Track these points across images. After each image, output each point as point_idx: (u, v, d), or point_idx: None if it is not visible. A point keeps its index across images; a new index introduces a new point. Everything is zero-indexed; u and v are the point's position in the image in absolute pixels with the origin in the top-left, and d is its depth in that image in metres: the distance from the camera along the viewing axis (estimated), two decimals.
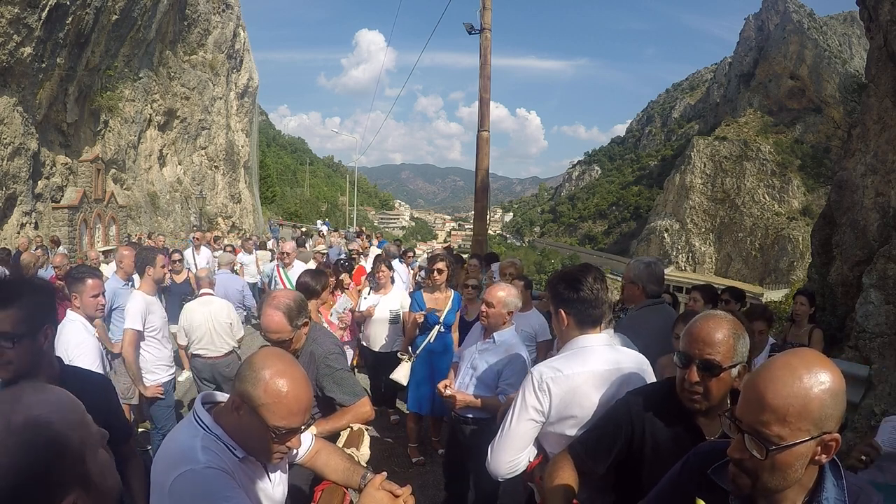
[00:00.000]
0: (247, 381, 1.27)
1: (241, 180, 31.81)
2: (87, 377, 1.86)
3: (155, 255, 3.88)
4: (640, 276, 2.88)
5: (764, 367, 1.04)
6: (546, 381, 1.78)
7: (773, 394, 0.98)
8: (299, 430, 1.32)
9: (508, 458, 1.84)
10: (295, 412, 1.27)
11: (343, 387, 2.32)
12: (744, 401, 1.05)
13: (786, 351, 1.09)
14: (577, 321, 1.87)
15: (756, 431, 1.00)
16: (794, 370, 0.99)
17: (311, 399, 1.34)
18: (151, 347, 3.72)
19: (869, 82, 6.64)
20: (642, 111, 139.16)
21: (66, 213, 15.16)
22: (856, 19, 55.71)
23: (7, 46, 12.25)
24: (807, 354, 1.03)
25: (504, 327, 2.91)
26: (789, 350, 1.09)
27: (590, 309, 1.86)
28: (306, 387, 1.32)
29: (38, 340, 1.55)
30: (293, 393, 1.27)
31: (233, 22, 29.19)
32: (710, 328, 1.46)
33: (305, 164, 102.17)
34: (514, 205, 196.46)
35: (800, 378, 0.98)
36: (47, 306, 1.60)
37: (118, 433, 1.72)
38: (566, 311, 1.88)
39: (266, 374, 1.26)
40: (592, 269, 1.94)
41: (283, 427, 1.26)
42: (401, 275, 6.94)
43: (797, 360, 1.01)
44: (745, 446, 1.02)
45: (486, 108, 8.52)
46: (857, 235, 6.06)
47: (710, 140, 74.28)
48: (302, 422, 1.31)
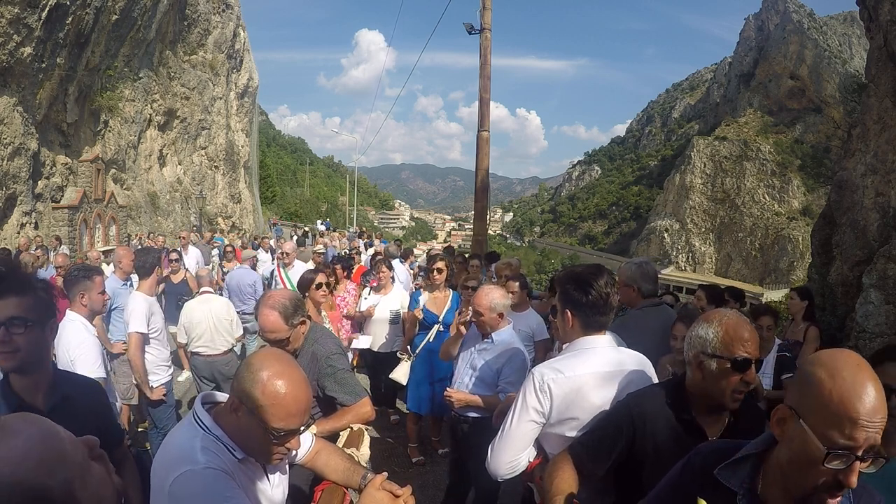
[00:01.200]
0: (245, 382, 1.26)
1: (241, 180, 31.81)
2: (78, 381, 1.83)
3: (159, 256, 3.91)
4: (634, 277, 2.87)
5: (854, 383, 0.97)
6: (547, 382, 1.76)
7: (879, 403, 0.96)
8: (298, 431, 1.31)
9: (508, 458, 1.83)
10: (293, 413, 1.26)
11: (344, 387, 2.32)
12: (870, 418, 0.97)
13: (846, 355, 1.04)
14: (583, 324, 1.85)
15: (876, 450, 0.97)
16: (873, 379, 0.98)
17: (309, 400, 1.33)
18: (153, 349, 3.74)
19: (869, 82, 6.64)
20: (642, 111, 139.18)
21: (66, 213, 15.16)
22: (856, 19, 55.70)
23: (7, 46, 12.25)
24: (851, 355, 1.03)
25: (501, 326, 2.91)
26: (842, 352, 1.05)
27: (597, 314, 1.83)
28: (305, 388, 1.30)
29: (45, 332, 1.57)
30: (291, 394, 1.25)
31: (233, 22, 29.18)
32: (752, 329, 1.48)
33: (305, 164, 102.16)
34: (514, 205, 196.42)
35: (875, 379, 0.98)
36: (52, 302, 1.63)
37: (110, 437, 1.70)
38: (573, 312, 1.86)
39: (264, 375, 1.25)
40: (604, 272, 1.90)
41: (281, 428, 1.25)
42: (398, 275, 6.96)
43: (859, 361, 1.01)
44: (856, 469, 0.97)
45: (486, 108, 8.52)
46: (857, 235, 6.05)
47: (710, 140, 74.29)
48: (301, 423, 1.29)
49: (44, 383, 1.59)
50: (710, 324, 1.49)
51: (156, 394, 3.66)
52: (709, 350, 1.47)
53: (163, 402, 3.73)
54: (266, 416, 1.24)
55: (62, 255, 6.92)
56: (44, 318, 1.56)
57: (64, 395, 1.61)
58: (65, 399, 1.60)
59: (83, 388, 1.77)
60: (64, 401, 1.59)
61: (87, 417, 1.59)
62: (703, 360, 1.48)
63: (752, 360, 1.43)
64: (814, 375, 1.01)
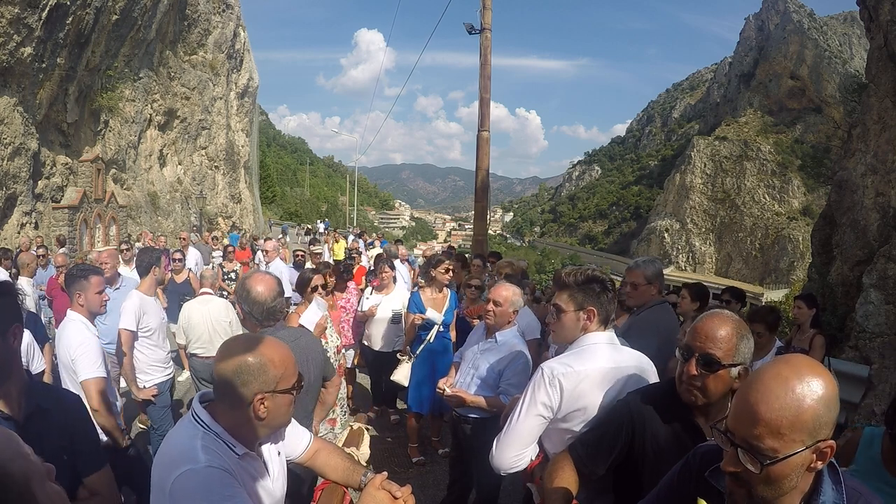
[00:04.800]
0: (249, 373, 1.32)
1: (242, 180, 31.80)
2: (57, 395, 1.66)
3: (159, 255, 3.90)
4: (657, 275, 2.89)
5: (754, 377, 1.02)
6: (557, 376, 1.79)
7: (765, 406, 0.96)
8: (300, 380, 1.42)
9: (514, 452, 1.85)
10: (289, 368, 1.38)
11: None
12: (735, 413, 1.02)
13: (776, 359, 1.06)
14: (603, 318, 1.93)
15: (749, 445, 0.98)
16: (786, 381, 0.97)
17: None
18: (145, 348, 3.71)
19: (869, 82, 6.64)
20: (642, 111, 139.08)
21: (66, 213, 15.16)
22: (856, 19, 55.67)
23: (7, 46, 12.25)
24: (797, 362, 1.01)
25: (507, 327, 2.91)
26: (779, 358, 1.06)
27: (613, 308, 1.96)
28: (279, 344, 1.41)
29: (7, 340, 1.45)
30: (269, 351, 1.35)
31: (233, 22, 29.17)
32: (715, 324, 1.47)
33: (305, 164, 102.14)
34: (514, 205, 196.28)
35: (791, 389, 0.96)
36: (12, 305, 1.50)
37: (87, 462, 1.58)
38: (597, 309, 1.91)
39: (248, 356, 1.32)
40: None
41: (290, 382, 1.37)
42: (402, 274, 6.98)
43: (788, 369, 0.99)
44: (738, 460, 1.00)
45: (487, 108, 8.51)
46: (857, 235, 6.06)
47: (711, 140, 74.22)
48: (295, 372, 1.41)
49: (14, 393, 1.47)
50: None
51: (144, 393, 3.64)
52: (683, 342, 1.56)
53: (151, 403, 3.71)
54: (268, 370, 1.31)
55: (61, 255, 6.93)
56: (3, 324, 1.43)
57: (40, 407, 1.52)
58: (40, 411, 1.51)
59: (62, 402, 1.63)
60: (39, 413, 1.50)
61: (61, 432, 1.52)
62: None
63: (694, 353, 1.48)
64: None
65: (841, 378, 4.61)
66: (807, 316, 4.24)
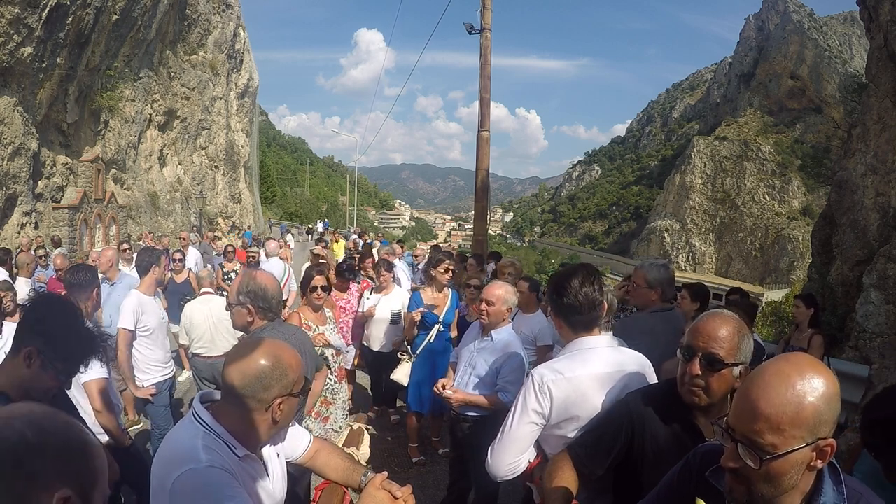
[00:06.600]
0: (265, 377, 1.34)
1: (242, 180, 31.81)
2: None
3: (159, 255, 3.90)
4: (661, 280, 2.76)
5: (756, 374, 1.03)
6: (547, 383, 1.76)
7: (765, 402, 0.97)
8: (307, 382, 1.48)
9: (509, 459, 1.83)
10: (301, 371, 1.42)
11: None
12: (736, 409, 1.03)
13: (777, 356, 1.07)
14: (569, 325, 1.87)
15: (749, 440, 0.98)
16: (787, 377, 0.97)
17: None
18: (143, 348, 3.70)
19: (869, 82, 6.64)
20: (642, 111, 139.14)
21: (66, 213, 15.15)
22: (856, 19, 55.67)
23: (7, 46, 12.24)
24: (799, 359, 1.01)
25: (502, 325, 2.92)
26: (781, 356, 1.07)
27: (577, 315, 1.83)
28: (291, 348, 1.45)
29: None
30: (287, 356, 1.39)
31: (233, 22, 29.18)
32: (717, 324, 1.48)
33: (305, 164, 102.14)
34: (514, 205, 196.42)
35: (793, 385, 0.96)
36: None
37: None
38: (556, 315, 1.90)
39: (263, 361, 1.34)
40: (580, 272, 1.86)
41: (301, 385, 1.41)
42: (405, 272, 6.98)
43: (789, 366, 0.99)
44: (738, 455, 1.00)
45: (487, 108, 8.52)
46: (857, 235, 6.06)
47: (711, 140, 74.24)
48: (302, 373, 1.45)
49: None
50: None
51: (141, 392, 3.64)
52: (684, 343, 1.55)
53: (149, 402, 3.71)
54: (288, 374, 1.35)
55: (60, 256, 6.94)
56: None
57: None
58: None
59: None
60: None
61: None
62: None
63: (697, 353, 1.47)
64: None
65: (841, 378, 4.58)
66: (805, 315, 4.27)
